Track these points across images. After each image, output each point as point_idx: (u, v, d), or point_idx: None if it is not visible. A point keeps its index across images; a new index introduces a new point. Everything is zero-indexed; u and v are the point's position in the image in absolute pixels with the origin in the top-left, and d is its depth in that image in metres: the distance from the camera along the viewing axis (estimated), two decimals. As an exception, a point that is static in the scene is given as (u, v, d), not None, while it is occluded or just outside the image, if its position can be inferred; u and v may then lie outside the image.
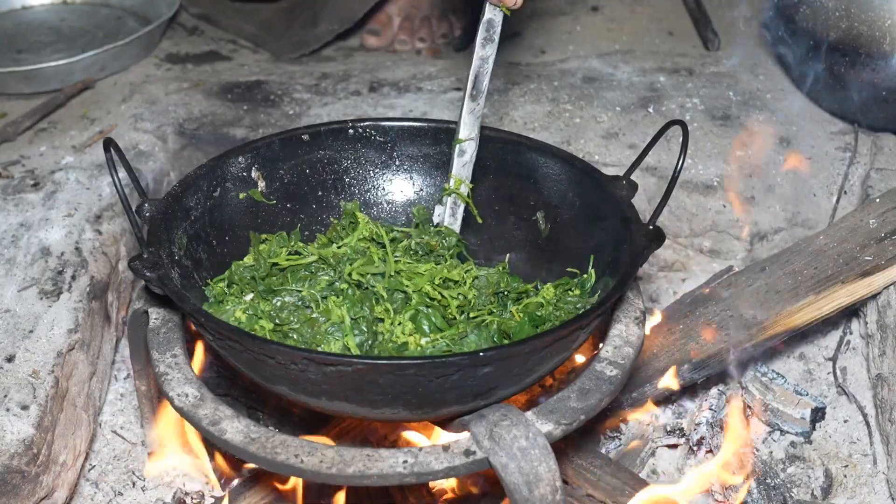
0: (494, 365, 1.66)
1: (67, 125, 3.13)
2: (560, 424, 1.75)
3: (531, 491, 1.66)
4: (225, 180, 2.16)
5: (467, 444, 1.72)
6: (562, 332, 1.72)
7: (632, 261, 1.89)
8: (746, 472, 2.29)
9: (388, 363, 1.66)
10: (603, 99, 3.23)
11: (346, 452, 1.69)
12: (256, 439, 1.72)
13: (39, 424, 2.06)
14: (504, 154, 2.28)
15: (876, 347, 2.50)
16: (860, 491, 2.34)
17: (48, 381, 2.15)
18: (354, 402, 1.72)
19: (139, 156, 2.93)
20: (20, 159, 2.90)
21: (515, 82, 3.34)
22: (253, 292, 2.04)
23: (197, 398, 1.81)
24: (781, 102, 3.23)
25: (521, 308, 2.07)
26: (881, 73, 2.83)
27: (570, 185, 2.20)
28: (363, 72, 3.49)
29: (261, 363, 1.71)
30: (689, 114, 3.12)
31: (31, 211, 2.62)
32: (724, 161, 2.91)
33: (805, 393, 2.48)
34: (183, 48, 3.79)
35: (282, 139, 2.26)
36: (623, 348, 1.93)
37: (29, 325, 2.27)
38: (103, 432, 2.45)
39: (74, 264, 2.45)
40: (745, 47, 3.69)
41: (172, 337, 1.96)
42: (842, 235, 2.57)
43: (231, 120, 3.15)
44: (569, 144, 2.94)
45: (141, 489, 2.33)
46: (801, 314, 2.40)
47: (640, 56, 3.59)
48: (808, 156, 2.93)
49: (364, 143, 2.33)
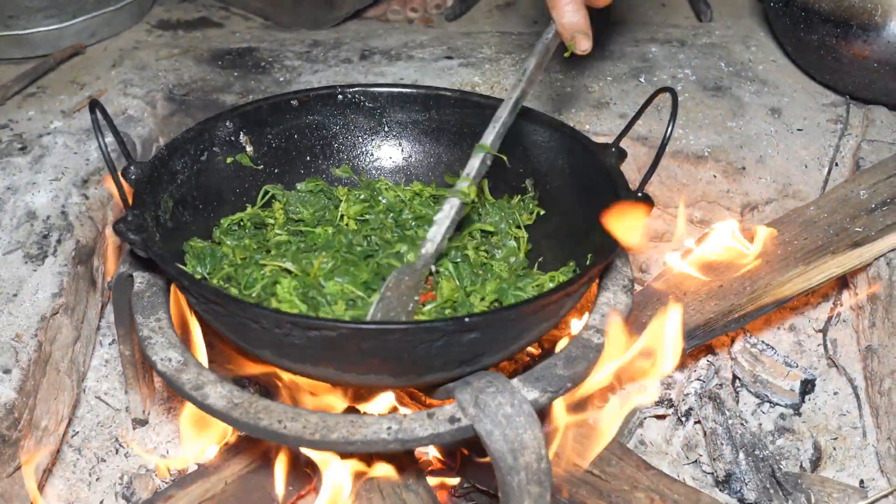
0: (480, 331, 1.65)
1: (57, 90, 3.12)
2: (546, 392, 1.74)
3: (516, 458, 1.65)
4: (212, 144, 2.15)
5: (452, 411, 1.71)
6: (548, 298, 1.71)
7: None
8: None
9: (373, 328, 1.65)
10: (594, 69, 3.22)
11: (329, 418, 1.68)
12: (239, 404, 1.71)
13: (21, 388, 2.05)
14: (494, 121, 2.27)
15: (866, 319, 2.50)
16: (849, 463, 2.34)
17: (31, 345, 2.14)
18: (338, 367, 1.71)
19: (128, 121, 2.91)
20: (8, 123, 2.89)
21: (507, 52, 3.32)
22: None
23: (180, 363, 1.80)
24: (773, 74, 3.22)
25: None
26: (873, 45, 2.81)
27: (559, 152, 2.19)
28: (355, 40, 3.47)
29: (244, 327, 1.70)
30: (681, 84, 3.11)
31: (18, 175, 2.61)
32: (715, 132, 2.90)
33: (795, 365, 2.48)
34: (174, 14, 3.77)
35: (270, 104, 2.24)
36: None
37: (13, 288, 2.26)
38: (87, 398, 2.44)
39: (60, 228, 2.43)
40: (737, 18, 3.68)
41: (157, 301, 1.95)
42: (832, 206, 2.56)
43: (221, 86, 3.13)
44: (559, 113, 2.92)
45: (124, 456, 2.32)
46: (790, 285, 2.39)
47: (632, 26, 3.58)
48: (800, 127, 2.92)
49: (353, 108, 2.32)
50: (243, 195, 2.20)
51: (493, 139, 2.05)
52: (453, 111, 2.31)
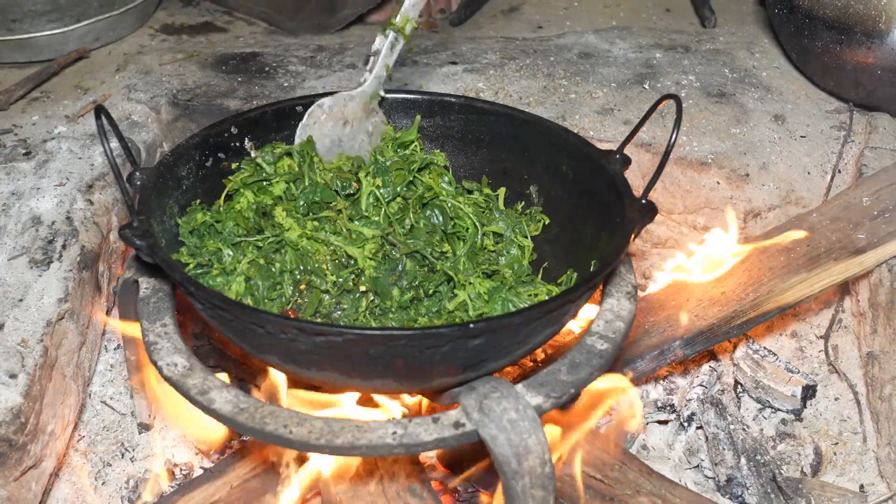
0: (485, 337, 1.66)
1: (61, 95, 3.12)
2: (550, 397, 1.75)
3: (520, 463, 1.65)
4: (217, 150, 2.15)
5: (457, 415, 1.71)
6: (552, 304, 1.71)
7: (623, 234, 1.88)
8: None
9: (378, 334, 1.65)
10: (599, 75, 3.22)
11: (334, 423, 1.69)
12: (245, 409, 1.71)
13: (27, 393, 2.05)
14: (498, 127, 2.28)
15: (868, 325, 2.50)
16: (850, 469, 2.34)
17: (37, 350, 2.14)
18: (344, 372, 1.72)
19: (132, 126, 2.92)
20: (12, 128, 2.89)
21: (511, 57, 3.33)
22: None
23: (186, 368, 1.80)
24: (777, 80, 3.22)
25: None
26: (877, 52, 2.82)
27: (563, 159, 2.19)
28: (359, 45, 3.48)
29: (250, 332, 1.71)
30: (685, 90, 3.12)
31: (23, 180, 2.61)
32: (718, 138, 2.90)
33: (796, 370, 2.48)
34: (178, 19, 3.78)
35: (275, 110, 2.24)
36: (614, 322, 1.92)
37: (19, 293, 2.27)
38: (93, 403, 2.44)
39: (65, 234, 2.44)
40: (741, 25, 3.69)
41: (162, 306, 1.95)
42: (835, 213, 2.57)
43: (225, 91, 3.13)
44: (564, 120, 2.93)
45: (130, 460, 2.33)
46: (793, 291, 2.39)
47: (636, 32, 3.59)
48: (803, 134, 2.93)
49: (357, 114, 2.32)
50: (249, 200, 2.21)
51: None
52: (458, 117, 2.31)
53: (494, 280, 2.09)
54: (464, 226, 2.17)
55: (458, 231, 2.17)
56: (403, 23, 2.25)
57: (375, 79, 2.28)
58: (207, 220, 2.04)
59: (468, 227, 2.17)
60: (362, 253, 2.03)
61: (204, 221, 2.04)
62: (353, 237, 2.07)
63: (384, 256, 2.06)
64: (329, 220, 2.10)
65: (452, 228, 2.17)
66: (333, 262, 2.04)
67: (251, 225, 2.06)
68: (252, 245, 2.03)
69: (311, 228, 2.07)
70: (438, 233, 2.15)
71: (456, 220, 2.19)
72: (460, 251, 2.12)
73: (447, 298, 2.05)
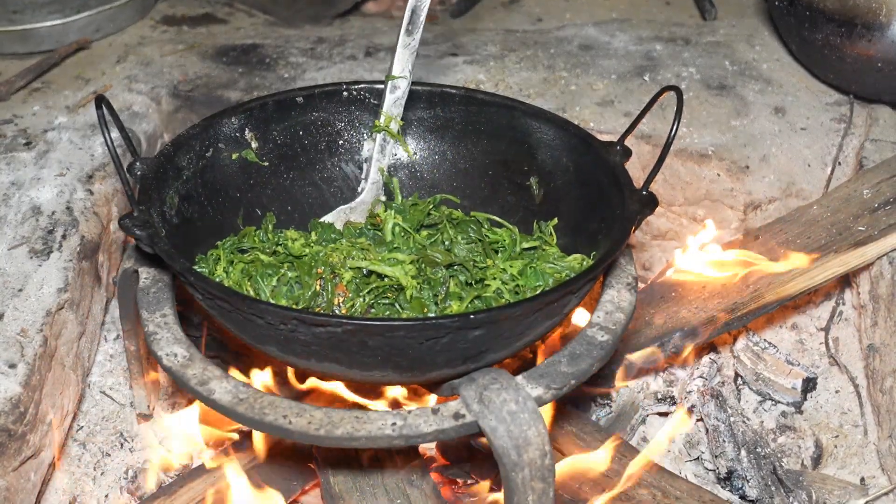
0: (485, 328, 1.66)
1: (61, 85, 3.12)
2: (550, 389, 1.74)
3: (520, 455, 1.65)
4: (218, 140, 2.15)
5: (457, 407, 1.71)
6: (552, 296, 1.71)
7: (624, 226, 1.87)
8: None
9: (378, 324, 1.64)
10: (599, 67, 3.22)
11: (334, 414, 1.68)
12: (245, 399, 1.71)
13: (27, 383, 2.05)
14: (498, 119, 2.27)
15: (868, 318, 2.50)
16: (850, 461, 2.34)
17: (36, 340, 2.14)
18: (343, 363, 1.72)
19: (133, 117, 2.92)
20: (13, 118, 2.89)
21: (511, 49, 3.33)
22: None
23: (186, 358, 1.80)
24: (777, 73, 3.22)
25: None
26: (877, 44, 2.82)
27: (563, 150, 2.18)
28: (359, 37, 3.47)
29: (250, 323, 1.70)
30: (685, 83, 3.11)
31: (23, 170, 2.61)
32: (719, 130, 2.90)
33: (797, 363, 2.48)
34: (179, 10, 3.77)
35: (276, 100, 2.24)
36: (614, 314, 1.92)
37: (18, 283, 2.27)
38: (92, 393, 2.44)
39: (65, 224, 2.44)
40: (741, 17, 3.69)
41: (162, 297, 1.95)
42: (835, 206, 2.57)
43: (226, 82, 3.13)
44: (564, 111, 2.93)
45: (129, 450, 2.32)
46: (793, 283, 2.39)
47: (636, 25, 3.58)
48: (803, 126, 2.93)
49: (358, 105, 2.32)
50: (248, 191, 2.21)
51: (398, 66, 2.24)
52: (458, 109, 2.31)
53: (524, 257, 2.10)
54: (498, 238, 2.17)
55: (494, 244, 2.18)
56: (387, 122, 2.27)
57: (372, 185, 2.31)
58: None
59: (505, 238, 2.17)
60: (402, 269, 2.03)
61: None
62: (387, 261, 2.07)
63: (426, 280, 2.05)
64: (360, 248, 2.11)
65: (490, 240, 2.18)
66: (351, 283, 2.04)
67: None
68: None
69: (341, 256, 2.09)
70: (478, 244, 2.15)
71: (489, 233, 2.20)
72: (500, 262, 2.11)
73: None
